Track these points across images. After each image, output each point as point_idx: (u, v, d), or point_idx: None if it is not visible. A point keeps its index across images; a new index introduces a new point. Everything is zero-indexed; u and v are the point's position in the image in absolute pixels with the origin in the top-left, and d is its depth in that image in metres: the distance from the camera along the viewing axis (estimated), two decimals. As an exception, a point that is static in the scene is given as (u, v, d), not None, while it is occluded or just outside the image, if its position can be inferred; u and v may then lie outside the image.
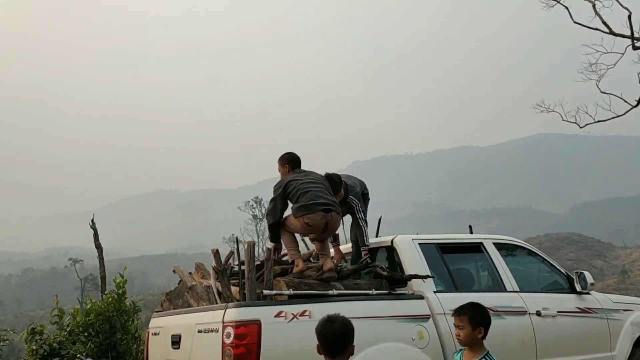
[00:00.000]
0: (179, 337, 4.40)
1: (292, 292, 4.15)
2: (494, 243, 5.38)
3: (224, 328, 3.84)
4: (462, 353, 3.29)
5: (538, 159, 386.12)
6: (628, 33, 10.26)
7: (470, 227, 6.07)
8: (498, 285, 5.10)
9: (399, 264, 4.84)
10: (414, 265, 4.71)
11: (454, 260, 5.15)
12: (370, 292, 4.50)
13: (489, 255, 5.24)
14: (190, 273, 4.96)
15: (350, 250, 5.38)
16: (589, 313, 5.42)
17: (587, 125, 11.30)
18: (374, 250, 5.19)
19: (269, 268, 4.18)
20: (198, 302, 4.47)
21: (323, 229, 4.59)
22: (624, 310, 5.74)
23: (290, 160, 4.89)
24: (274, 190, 4.74)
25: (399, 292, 4.65)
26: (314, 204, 4.49)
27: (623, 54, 10.56)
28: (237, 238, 6.48)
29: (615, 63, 10.78)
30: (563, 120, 11.35)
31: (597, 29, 10.62)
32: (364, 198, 5.39)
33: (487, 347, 3.23)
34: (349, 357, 2.81)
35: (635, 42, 10.22)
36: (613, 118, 10.77)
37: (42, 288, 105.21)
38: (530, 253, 5.72)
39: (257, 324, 3.78)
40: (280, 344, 3.83)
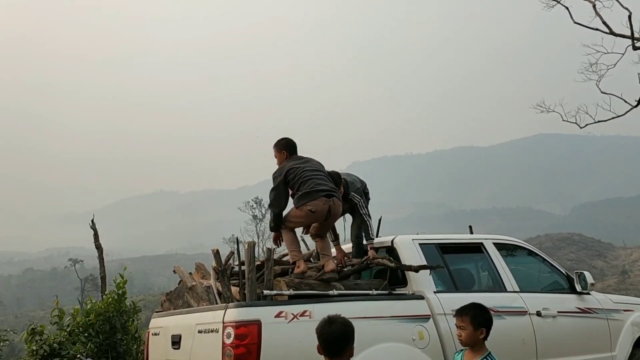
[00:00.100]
0: (179, 337, 4.40)
1: (292, 292, 4.16)
2: (494, 243, 5.38)
3: (224, 328, 3.84)
4: (462, 353, 3.29)
5: (538, 159, 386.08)
6: (628, 33, 10.26)
7: (471, 227, 6.07)
8: (498, 286, 5.10)
9: (400, 264, 4.83)
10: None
11: (454, 261, 5.15)
12: (371, 292, 4.51)
13: (489, 256, 5.24)
14: (191, 273, 4.96)
15: (351, 251, 5.37)
16: (589, 313, 5.42)
17: (587, 126, 11.32)
18: (375, 251, 5.18)
19: (269, 268, 4.19)
20: (198, 302, 4.47)
21: (326, 216, 4.59)
22: (624, 311, 5.74)
23: (287, 146, 4.85)
24: (274, 179, 4.70)
25: (399, 292, 4.66)
26: (316, 191, 4.50)
27: (623, 54, 10.58)
28: (237, 238, 6.46)
29: (616, 63, 10.80)
30: (563, 121, 11.38)
31: (597, 29, 10.62)
32: (365, 197, 5.36)
33: (487, 347, 3.23)
34: (349, 358, 2.81)
35: (636, 42, 10.22)
36: (613, 118, 10.78)
37: (42, 288, 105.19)
38: (531, 253, 5.72)
39: (257, 324, 3.78)
40: (281, 344, 3.83)
